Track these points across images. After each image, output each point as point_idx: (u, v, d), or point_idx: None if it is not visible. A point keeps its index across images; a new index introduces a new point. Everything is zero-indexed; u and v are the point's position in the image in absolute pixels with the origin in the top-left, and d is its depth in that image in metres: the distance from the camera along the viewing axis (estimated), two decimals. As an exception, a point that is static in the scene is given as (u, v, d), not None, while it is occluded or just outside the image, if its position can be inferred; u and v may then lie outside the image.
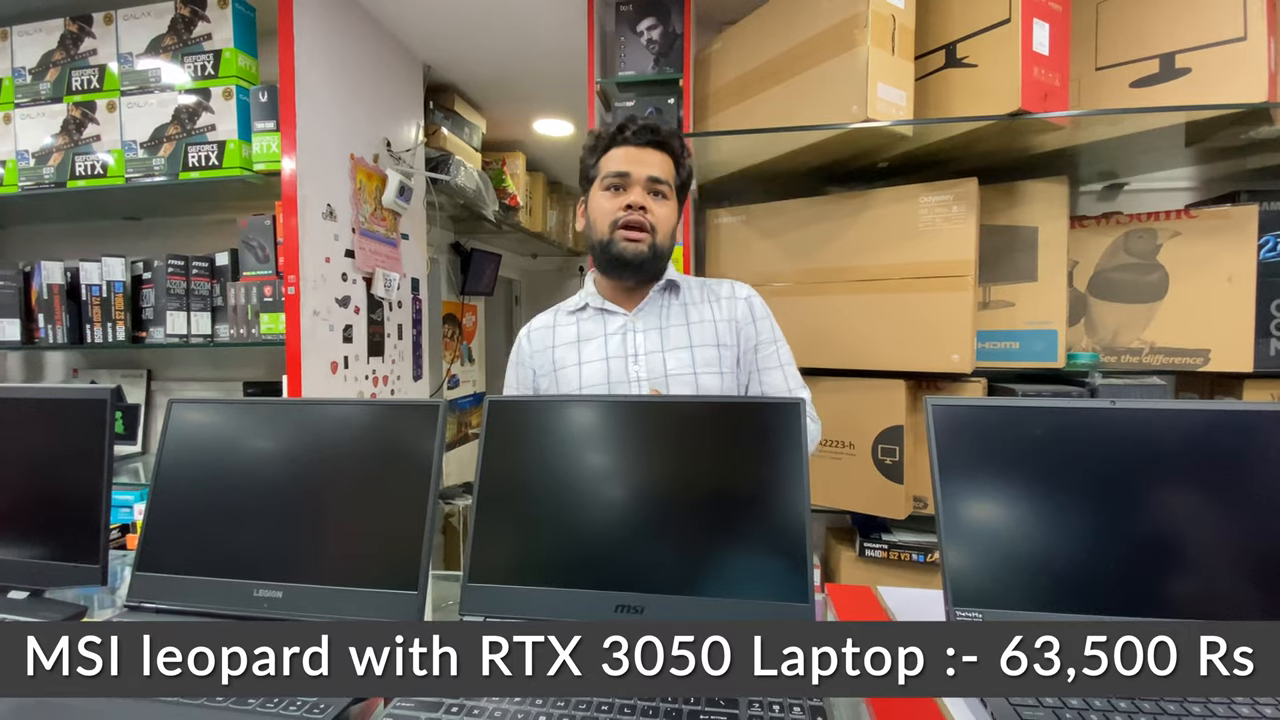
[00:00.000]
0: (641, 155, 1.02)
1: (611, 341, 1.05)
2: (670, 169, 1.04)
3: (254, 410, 0.72)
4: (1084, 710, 0.47)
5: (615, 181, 1.02)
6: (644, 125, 1.02)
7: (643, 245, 1.00)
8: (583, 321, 1.09)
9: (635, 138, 1.02)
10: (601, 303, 1.08)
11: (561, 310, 1.14)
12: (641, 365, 1.02)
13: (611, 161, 1.03)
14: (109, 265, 1.82)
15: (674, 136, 1.05)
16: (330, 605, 0.63)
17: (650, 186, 1.02)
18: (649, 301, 1.07)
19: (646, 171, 1.01)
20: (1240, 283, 1.38)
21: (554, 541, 0.62)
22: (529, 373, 1.11)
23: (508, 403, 0.67)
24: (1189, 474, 0.57)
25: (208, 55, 1.68)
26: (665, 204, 1.03)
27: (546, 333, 1.11)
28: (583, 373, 1.04)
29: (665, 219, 1.03)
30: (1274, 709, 0.48)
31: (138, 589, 0.69)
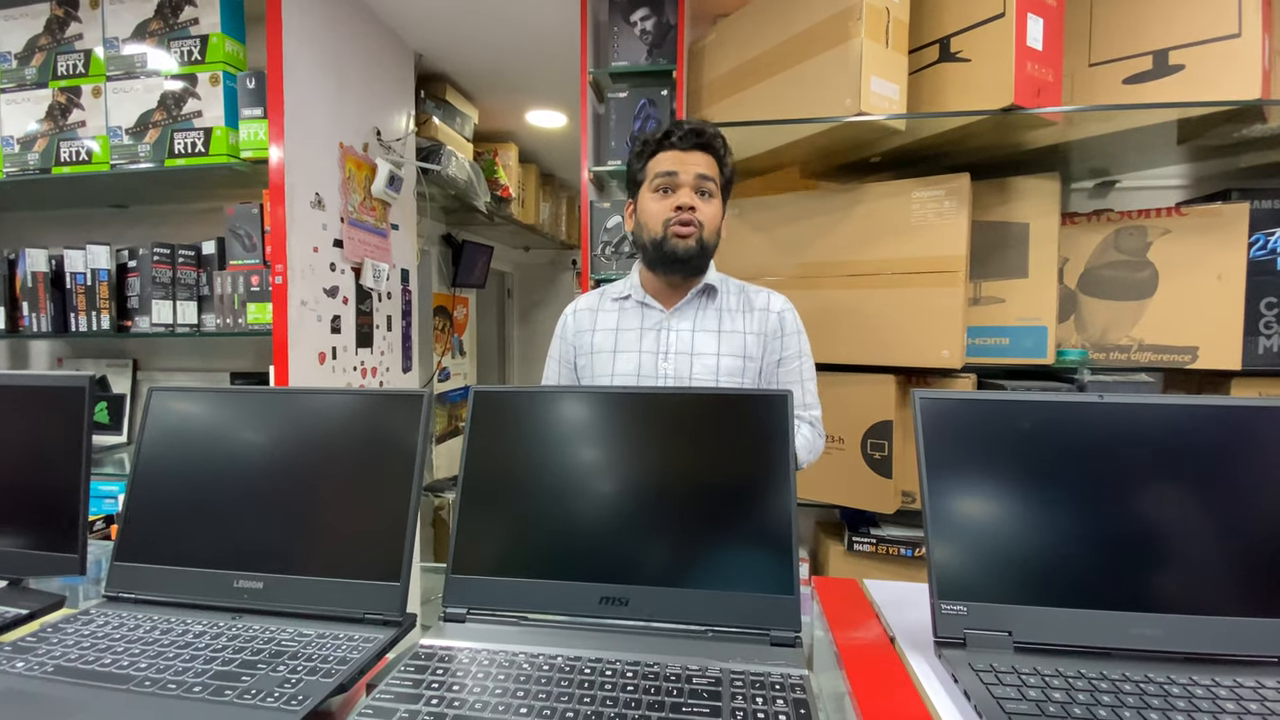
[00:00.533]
0: (687, 157, 1.06)
1: (647, 337, 1.10)
2: (715, 168, 1.08)
3: (236, 399, 0.71)
4: (1067, 704, 0.47)
5: (664, 183, 1.06)
6: (690, 129, 1.06)
7: (691, 241, 1.04)
8: (624, 311, 1.14)
9: (681, 142, 1.06)
10: (644, 296, 1.12)
11: (607, 295, 1.18)
12: (670, 364, 1.07)
13: (659, 164, 1.07)
14: (94, 253, 1.79)
15: (717, 137, 1.09)
16: (312, 596, 0.62)
17: (698, 185, 1.06)
18: (686, 302, 1.11)
19: (694, 170, 1.05)
20: (1230, 281, 1.38)
21: (539, 533, 0.61)
22: (570, 349, 1.17)
23: (493, 393, 0.66)
24: (1175, 469, 0.57)
25: (194, 40, 1.65)
26: (711, 202, 1.07)
27: (590, 315, 1.16)
28: (616, 362, 1.09)
29: (712, 216, 1.07)
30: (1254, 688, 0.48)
31: (117, 579, 0.68)
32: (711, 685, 0.49)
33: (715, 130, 1.10)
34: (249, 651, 0.56)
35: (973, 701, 0.47)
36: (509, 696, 0.48)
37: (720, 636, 0.56)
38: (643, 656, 0.53)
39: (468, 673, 0.51)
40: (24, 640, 0.60)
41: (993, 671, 0.50)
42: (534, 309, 4.36)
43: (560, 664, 0.52)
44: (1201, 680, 0.50)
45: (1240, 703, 0.48)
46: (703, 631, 0.56)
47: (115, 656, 0.55)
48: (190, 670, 0.53)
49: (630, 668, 0.51)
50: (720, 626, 0.56)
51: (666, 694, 0.47)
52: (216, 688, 0.50)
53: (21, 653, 0.57)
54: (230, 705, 0.48)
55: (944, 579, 0.56)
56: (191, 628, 0.60)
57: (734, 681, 0.49)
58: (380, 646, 0.56)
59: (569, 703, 0.47)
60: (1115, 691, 0.48)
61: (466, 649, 0.55)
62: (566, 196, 3.86)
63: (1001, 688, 0.48)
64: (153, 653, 0.56)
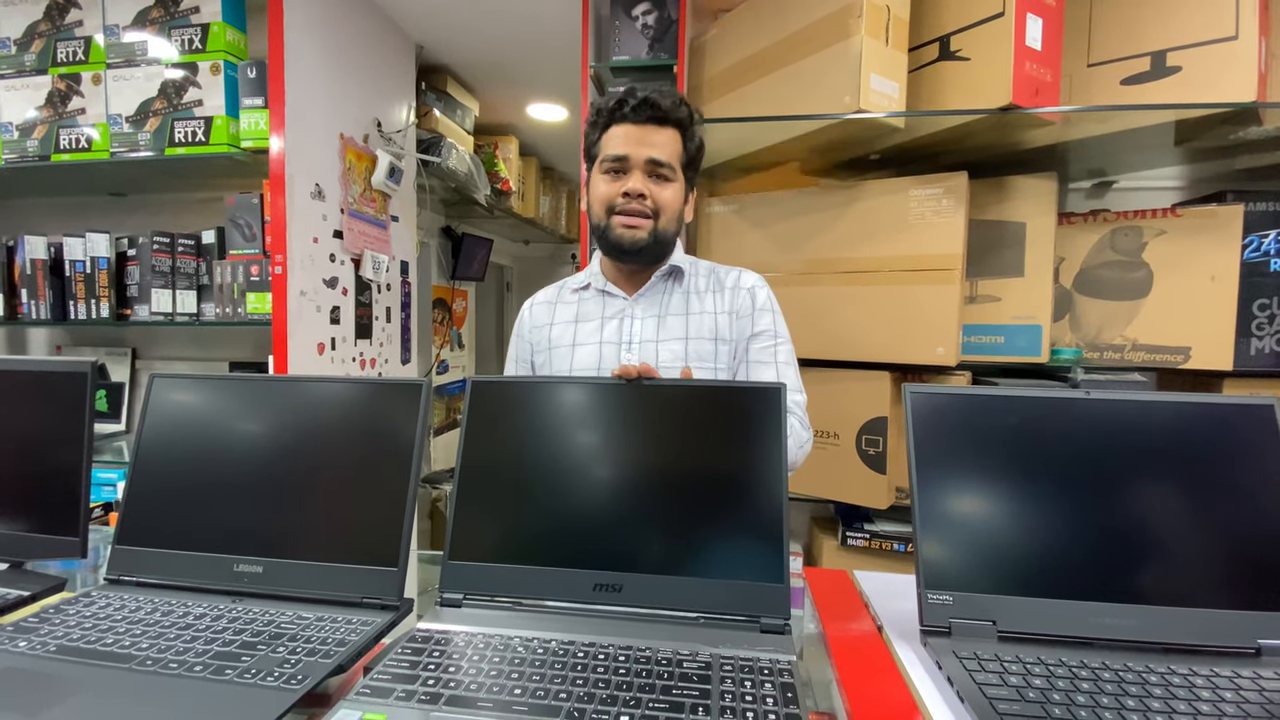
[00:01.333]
0: (642, 134, 0.95)
1: (608, 326, 1.02)
2: (676, 146, 0.98)
3: (235, 386, 0.72)
4: (1046, 690, 0.48)
5: (613, 166, 0.97)
6: (644, 100, 0.95)
7: (641, 232, 0.96)
8: (584, 301, 1.07)
9: (635, 114, 0.95)
10: (604, 284, 1.05)
11: (566, 287, 1.11)
12: (635, 354, 0.99)
13: (611, 142, 0.97)
14: (93, 241, 1.79)
15: (678, 108, 0.97)
16: (311, 580, 0.63)
17: (650, 170, 0.96)
18: (650, 287, 1.04)
19: (646, 154, 0.95)
20: (1223, 282, 1.39)
21: (534, 521, 0.62)
22: (527, 347, 1.10)
23: (490, 383, 0.67)
24: (1157, 464, 0.59)
25: (195, 29, 1.65)
26: (669, 186, 0.98)
27: (547, 309, 1.09)
28: (575, 355, 1.02)
29: (669, 202, 0.97)
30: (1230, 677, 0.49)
31: (117, 562, 0.69)
32: (701, 669, 0.50)
33: (676, 100, 0.97)
34: (249, 633, 0.57)
35: (956, 687, 0.49)
36: (504, 678, 0.49)
37: (711, 623, 0.57)
38: (635, 641, 0.54)
39: (464, 655, 0.52)
40: (26, 621, 0.61)
41: (976, 659, 0.52)
42: (533, 302, 4.35)
43: (554, 647, 0.53)
44: (1179, 670, 0.51)
45: (1215, 691, 0.49)
46: (694, 618, 0.57)
47: (117, 637, 0.57)
48: (191, 651, 0.54)
49: (623, 651, 0.52)
50: (711, 613, 0.57)
51: (658, 677, 0.49)
52: (217, 667, 0.51)
53: (24, 633, 0.58)
54: (230, 684, 0.49)
55: (931, 569, 0.57)
56: (192, 610, 0.61)
57: (723, 665, 0.50)
58: (378, 630, 0.58)
59: (562, 684, 0.48)
60: (1094, 679, 0.49)
61: (463, 632, 0.56)
62: (567, 190, 3.86)
63: (984, 674, 0.49)
64: (154, 633, 0.57)
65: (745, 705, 0.45)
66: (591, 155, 1.02)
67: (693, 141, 1.01)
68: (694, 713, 0.44)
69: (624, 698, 0.46)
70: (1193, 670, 0.51)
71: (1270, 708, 0.47)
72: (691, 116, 1.00)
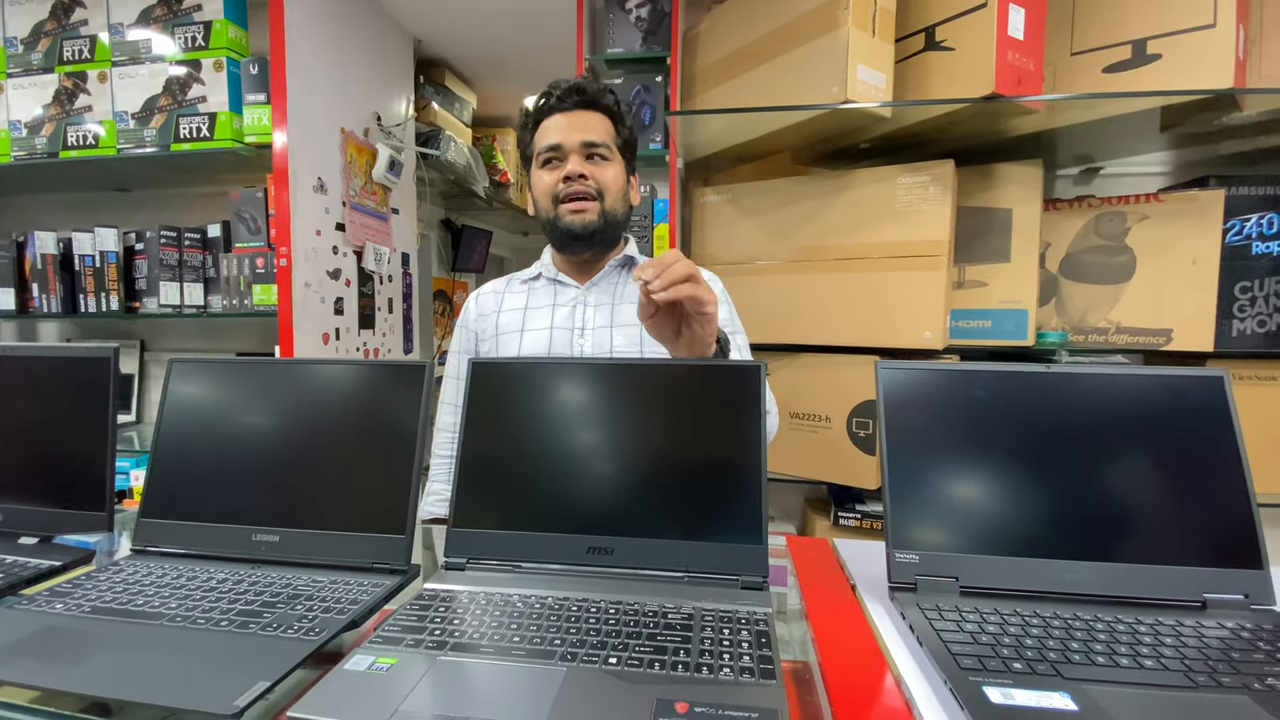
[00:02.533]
0: (572, 120, 0.95)
1: (559, 313, 1.02)
2: (609, 129, 0.98)
3: (249, 369, 0.76)
4: (999, 635, 0.52)
5: (549, 155, 0.96)
6: (570, 87, 0.96)
7: (590, 214, 0.95)
8: (534, 291, 1.07)
9: (561, 103, 0.96)
10: (555, 274, 1.05)
11: (515, 279, 1.11)
12: (588, 340, 0.99)
13: (544, 135, 0.97)
14: (102, 235, 1.84)
15: (604, 93, 0.98)
16: (324, 548, 0.68)
17: (586, 152, 0.96)
18: (603, 276, 1.04)
19: (580, 137, 0.95)
20: (1204, 265, 1.43)
21: (531, 490, 0.67)
22: (471, 336, 1.09)
23: (489, 363, 0.71)
24: (1110, 433, 0.63)
25: (198, 26, 1.69)
26: (608, 165, 0.97)
27: (494, 298, 1.09)
28: (524, 340, 1.01)
29: (611, 181, 0.97)
30: (1172, 625, 0.54)
31: (143, 534, 0.73)
32: (684, 619, 0.54)
33: (600, 85, 0.98)
34: (268, 595, 0.61)
35: (916, 634, 0.53)
36: (503, 628, 0.53)
37: (695, 581, 0.61)
38: (624, 597, 0.58)
39: (467, 610, 0.57)
40: (60, 587, 0.65)
41: (937, 610, 0.56)
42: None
43: (550, 603, 0.57)
44: (1125, 619, 0.56)
45: (1157, 637, 0.53)
46: (680, 577, 0.62)
47: (147, 599, 0.61)
48: (216, 609, 0.59)
49: (613, 605, 0.57)
50: (695, 573, 0.62)
51: (644, 626, 0.53)
52: (241, 622, 0.56)
53: (59, 596, 0.63)
54: (255, 636, 0.54)
55: (898, 530, 0.62)
56: (214, 576, 0.66)
57: (704, 616, 0.55)
58: (388, 590, 0.62)
59: (557, 633, 0.52)
60: (1044, 626, 0.54)
61: (466, 591, 0.60)
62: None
63: (943, 622, 0.54)
64: (180, 595, 0.62)
65: (723, 649, 0.50)
66: (528, 156, 1.03)
67: (624, 126, 1.01)
68: (675, 654, 0.49)
69: (613, 643, 0.51)
70: (1138, 619, 0.56)
71: (1207, 651, 0.52)
72: (619, 104, 1.00)
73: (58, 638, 0.55)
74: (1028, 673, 0.47)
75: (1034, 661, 0.48)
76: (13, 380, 0.79)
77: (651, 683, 0.45)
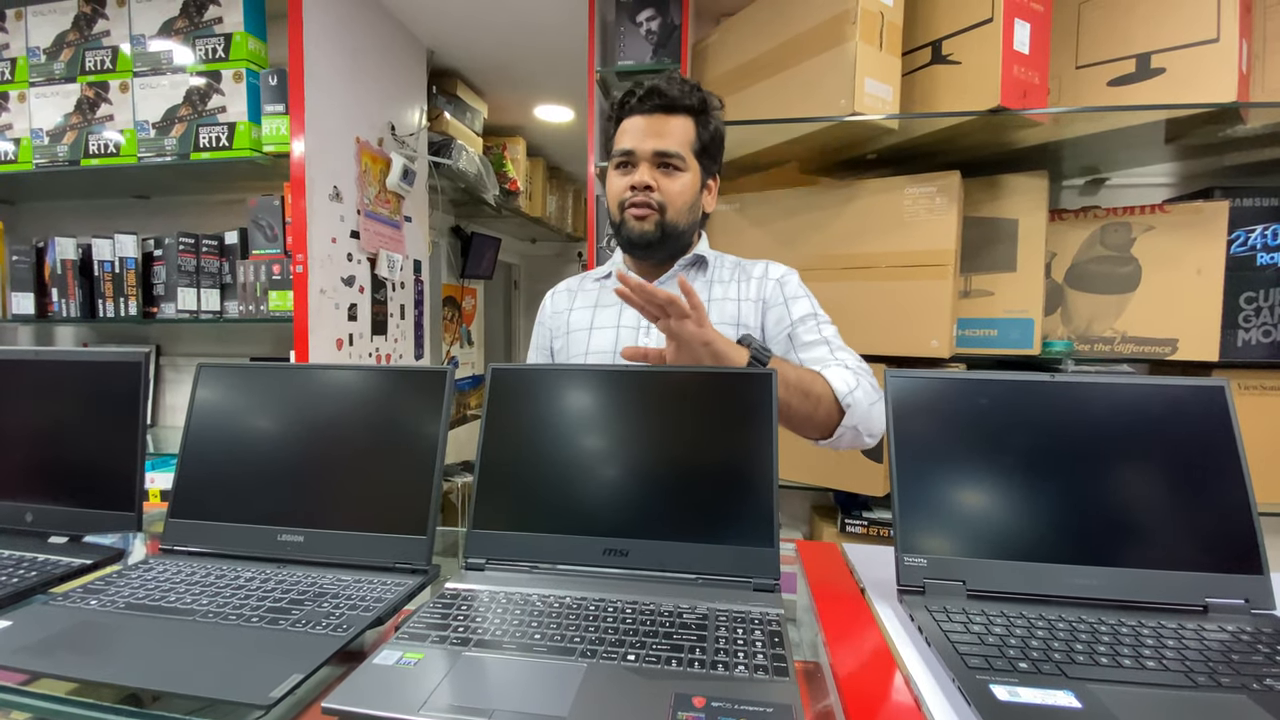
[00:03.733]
0: (651, 125, 0.95)
1: (627, 311, 1.02)
2: (687, 134, 0.96)
3: (274, 374, 0.79)
4: (1005, 637, 0.54)
5: (622, 160, 0.97)
6: (650, 89, 0.94)
7: (648, 224, 0.95)
8: (604, 289, 1.08)
9: (641, 105, 0.95)
10: (626, 272, 1.04)
11: (588, 277, 1.14)
12: (653, 338, 0.99)
13: (622, 136, 0.97)
14: (121, 242, 1.87)
15: (688, 94, 0.95)
16: (347, 549, 0.70)
17: (658, 161, 0.95)
18: (672, 274, 1.04)
19: (652, 146, 0.94)
20: (1209, 275, 1.44)
21: (549, 493, 0.69)
22: (547, 333, 1.12)
23: (509, 370, 0.73)
24: (1121, 440, 0.64)
25: (218, 38, 1.73)
26: (677, 177, 0.96)
27: (566, 296, 1.12)
28: (591, 338, 1.03)
29: (677, 194, 0.96)
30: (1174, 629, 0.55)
31: (172, 534, 0.75)
32: (699, 619, 0.56)
33: (686, 87, 0.95)
34: (295, 593, 0.63)
35: (925, 635, 0.55)
36: (524, 626, 0.55)
37: (709, 583, 0.63)
38: (640, 598, 0.60)
39: (488, 609, 0.58)
40: (93, 584, 0.68)
41: (945, 613, 0.58)
42: (540, 300, 4.43)
43: (568, 602, 0.59)
44: (1128, 622, 0.57)
45: (1159, 639, 0.55)
46: (693, 579, 0.64)
47: (179, 595, 0.63)
48: (246, 606, 0.61)
49: (629, 606, 0.59)
50: (709, 575, 0.64)
51: (660, 625, 0.55)
52: (271, 618, 0.58)
53: (93, 593, 0.65)
54: (285, 631, 0.56)
55: (907, 534, 0.63)
56: (242, 574, 0.68)
57: (719, 617, 0.57)
58: (410, 589, 0.64)
59: (575, 631, 0.54)
60: (1049, 629, 0.55)
61: (486, 590, 0.62)
62: (573, 189, 3.92)
63: (950, 624, 0.55)
64: (211, 593, 0.64)
65: (737, 647, 0.51)
66: (609, 153, 1.03)
67: (707, 128, 0.98)
68: (692, 652, 0.51)
69: (631, 641, 0.52)
70: (1141, 623, 0.57)
71: (1207, 653, 0.53)
72: (705, 102, 0.97)
73: (95, 632, 0.57)
74: (1033, 672, 0.49)
75: (1039, 661, 0.50)
76: (45, 384, 0.82)
77: (670, 678, 0.47)
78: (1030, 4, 1.30)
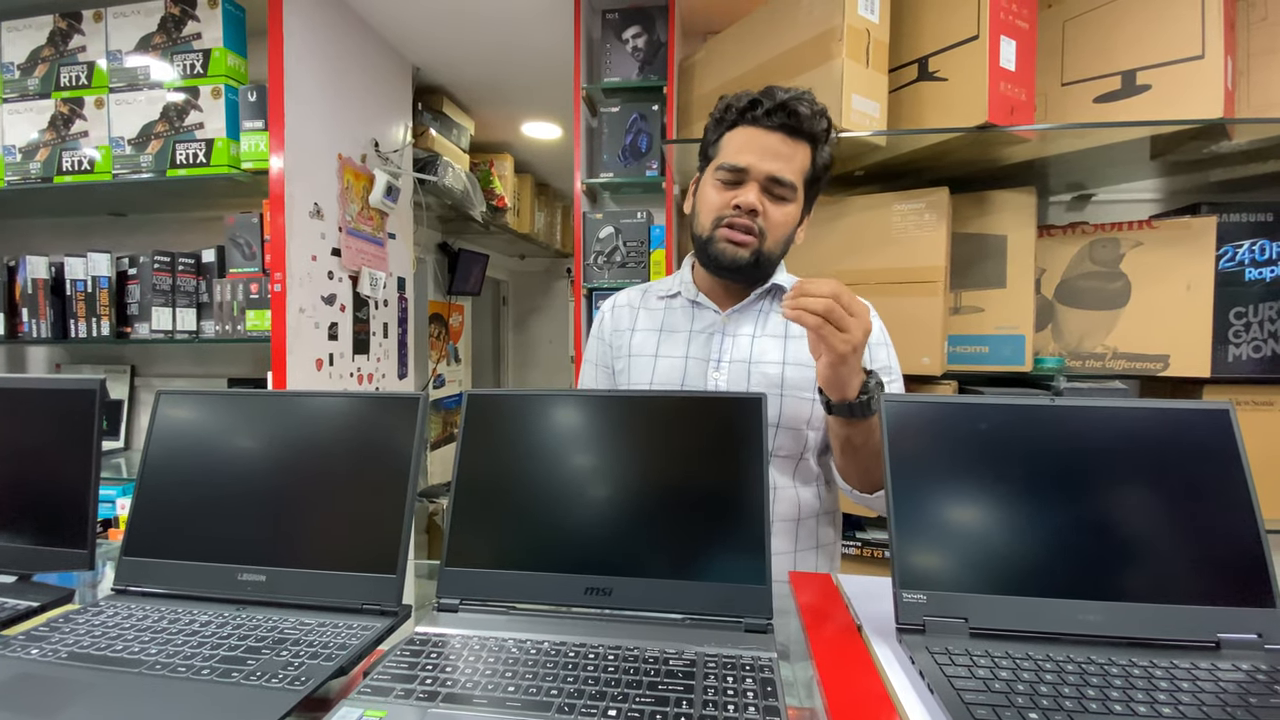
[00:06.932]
0: (770, 144, 0.85)
1: (696, 341, 0.95)
2: (803, 162, 0.88)
3: (238, 401, 0.75)
4: (1012, 681, 0.51)
5: (730, 176, 0.87)
6: (780, 104, 0.84)
7: (745, 251, 0.87)
8: (670, 310, 1.00)
9: (768, 119, 0.85)
10: (695, 294, 0.97)
11: (651, 292, 1.04)
12: (724, 374, 0.91)
13: (732, 146, 0.88)
14: (94, 260, 1.82)
15: (816, 119, 0.87)
16: (312, 588, 0.66)
17: (769, 184, 0.86)
18: (747, 304, 0.95)
19: (768, 169, 0.85)
20: (1199, 291, 1.43)
21: (527, 528, 0.65)
22: (608, 350, 1.03)
23: (485, 396, 0.70)
24: (1119, 467, 0.62)
25: (197, 54, 1.70)
26: (785, 207, 0.88)
27: (628, 313, 1.03)
28: (657, 366, 0.95)
29: (780, 224, 0.88)
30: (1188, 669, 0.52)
31: (125, 573, 0.71)
32: (686, 666, 0.52)
33: (817, 109, 0.86)
34: (253, 639, 0.59)
35: (927, 680, 0.51)
36: (498, 676, 0.51)
37: (697, 624, 0.60)
38: (624, 642, 0.56)
39: (460, 656, 0.54)
40: (37, 630, 0.63)
41: (947, 654, 0.54)
42: (528, 316, 4.41)
43: (546, 648, 0.55)
44: (1139, 662, 0.54)
45: (1174, 682, 0.52)
46: (681, 619, 0.60)
47: (126, 644, 0.59)
48: (198, 656, 0.56)
49: (612, 651, 0.55)
50: (697, 614, 0.60)
51: (644, 674, 0.51)
52: (224, 670, 0.53)
53: (35, 641, 0.60)
54: (237, 686, 0.51)
55: (905, 569, 0.60)
56: (198, 618, 0.64)
57: (707, 663, 0.53)
58: (378, 634, 0.60)
59: (554, 682, 0.50)
60: (1058, 671, 0.52)
61: (459, 635, 0.58)
62: (561, 206, 3.91)
63: (954, 668, 0.52)
64: (162, 640, 0.59)
65: (727, 699, 0.48)
66: (708, 155, 0.93)
67: (822, 158, 0.90)
68: (678, 706, 0.47)
69: (612, 693, 0.49)
70: (1153, 663, 0.54)
71: (1224, 697, 0.50)
72: (828, 131, 0.89)
73: (32, 687, 0.53)
74: (1043, 723, 0.45)
75: (1050, 711, 0.47)
76: (-5, 413, 0.77)
77: (653, 737, 0.44)
78: (1015, 21, 1.30)
